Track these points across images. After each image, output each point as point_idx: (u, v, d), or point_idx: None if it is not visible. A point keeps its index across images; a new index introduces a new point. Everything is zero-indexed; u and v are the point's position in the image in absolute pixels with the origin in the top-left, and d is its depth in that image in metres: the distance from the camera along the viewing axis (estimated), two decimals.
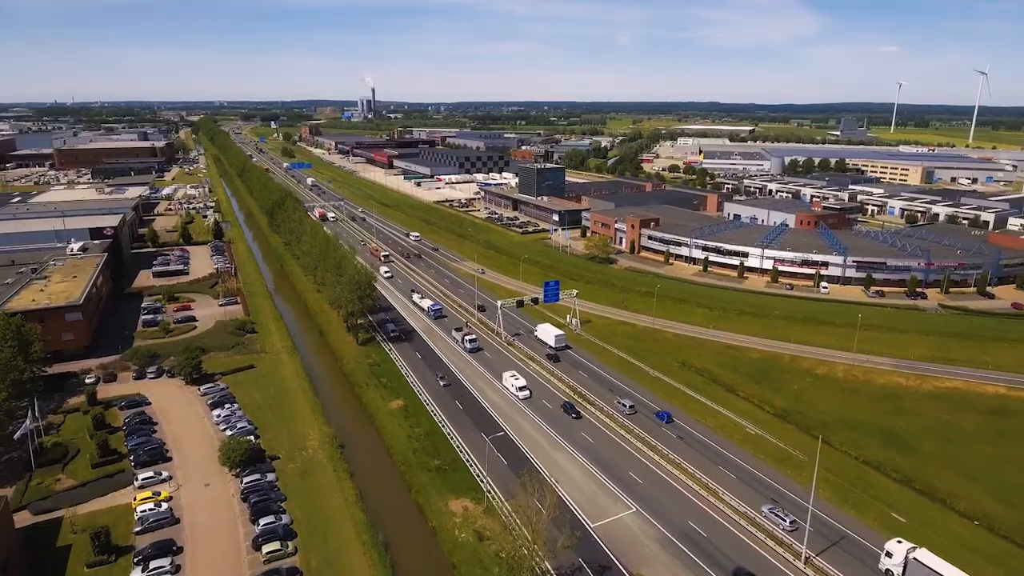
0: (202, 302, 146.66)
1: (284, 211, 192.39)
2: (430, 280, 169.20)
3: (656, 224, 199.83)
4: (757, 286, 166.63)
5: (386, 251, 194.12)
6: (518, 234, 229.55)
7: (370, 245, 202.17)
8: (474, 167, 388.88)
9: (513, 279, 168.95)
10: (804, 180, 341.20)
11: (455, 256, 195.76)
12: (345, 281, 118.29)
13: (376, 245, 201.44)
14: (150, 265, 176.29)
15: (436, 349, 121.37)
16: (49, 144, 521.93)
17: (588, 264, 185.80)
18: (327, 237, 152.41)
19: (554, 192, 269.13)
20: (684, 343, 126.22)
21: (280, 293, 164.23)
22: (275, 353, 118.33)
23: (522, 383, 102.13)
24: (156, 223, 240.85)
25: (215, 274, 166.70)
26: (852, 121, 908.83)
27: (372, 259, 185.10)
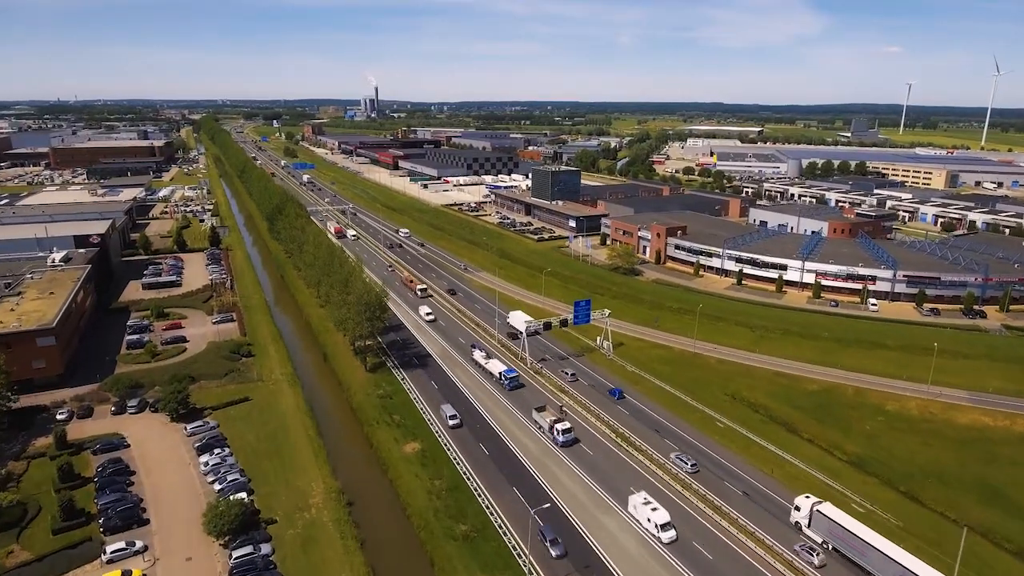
0: (194, 319, 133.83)
1: (285, 217, 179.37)
2: (448, 300, 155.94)
3: (683, 232, 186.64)
4: (798, 302, 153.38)
5: (423, 283, 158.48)
6: (533, 241, 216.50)
7: (403, 274, 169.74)
8: (482, 168, 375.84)
9: (533, 293, 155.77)
10: (827, 184, 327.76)
11: (468, 265, 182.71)
12: (352, 301, 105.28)
13: (410, 274, 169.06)
14: (141, 275, 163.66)
15: (454, 377, 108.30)
16: (47, 143, 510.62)
17: (612, 276, 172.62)
18: (331, 248, 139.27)
19: (569, 196, 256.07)
20: (730, 370, 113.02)
21: (280, 307, 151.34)
22: (274, 381, 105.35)
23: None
24: (150, 228, 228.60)
25: (210, 286, 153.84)
26: (863, 122, 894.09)
27: (404, 290, 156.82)
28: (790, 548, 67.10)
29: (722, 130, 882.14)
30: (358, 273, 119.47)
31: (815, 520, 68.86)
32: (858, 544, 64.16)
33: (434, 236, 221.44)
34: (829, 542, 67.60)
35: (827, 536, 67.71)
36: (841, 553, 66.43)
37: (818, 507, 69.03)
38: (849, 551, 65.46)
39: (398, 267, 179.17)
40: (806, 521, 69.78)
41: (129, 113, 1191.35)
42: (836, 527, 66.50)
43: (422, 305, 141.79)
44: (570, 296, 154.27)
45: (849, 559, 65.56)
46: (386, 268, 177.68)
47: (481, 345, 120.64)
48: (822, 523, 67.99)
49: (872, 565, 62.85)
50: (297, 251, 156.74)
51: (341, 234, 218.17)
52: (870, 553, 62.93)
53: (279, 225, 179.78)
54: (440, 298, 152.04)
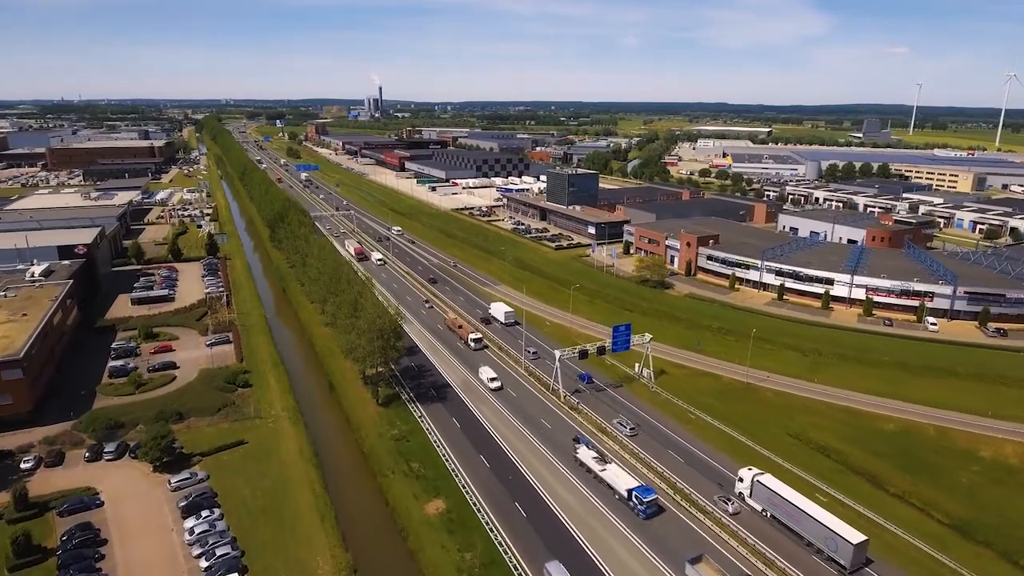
0: (187, 339, 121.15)
1: (287, 225, 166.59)
2: (463, 315, 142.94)
3: (715, 242, 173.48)
4: (847, 320, 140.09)
5: (476, 331, 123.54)
6: (550, 249, 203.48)
7: (448, 316, 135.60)
8: (492, 170, 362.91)
9: (558, 309, 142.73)
10: (852, 187, 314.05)
11: (483, 277, 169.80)
12: (363, 327, 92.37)
13: (457, 316, 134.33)
14: (131, 288, 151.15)
15: (478, 412, 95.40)
16: (46, 143, 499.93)
17: (641, 290, 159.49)
18: (338, 263, 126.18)
19: (586, 201, 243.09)
20: (788, 405, 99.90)
21: (281, 324, 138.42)
22: (273, 418, 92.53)
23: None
24: (145, 234, 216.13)
25: (205, 300, 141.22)
26: (875, 123, 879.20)
27: (452, 336, 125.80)
28: None
29: (731, 131, 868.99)
30: (369, 293, 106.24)
31: (756, 490, 73.51)
32: (792, 510, 69.17)
33: (445, 244, 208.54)
34: (768, 510, 72.19)
35: (767, 504, 72.39)
36: (780, 521, 70.80)
37: (759, 478, 73.64)
38: (785, 517, 70.22)
39: (440, 305, 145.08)
40: (748, 491, 74.42)
41: (132, 113, 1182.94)
42: (774, 495, 71.09)
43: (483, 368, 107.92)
44: (597, 313, 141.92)
45: (787, 527, 69.99)
46: (424, 305, 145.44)
47: (588, 440, 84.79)
48: (762, 492, 72.60)
49: (803, 528, 68.12)
50: (300, 263, 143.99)
51: (362, 256, 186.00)
52: (802, 518, 68.12)
53: (281, 233, 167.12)
54: (454, 314, 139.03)
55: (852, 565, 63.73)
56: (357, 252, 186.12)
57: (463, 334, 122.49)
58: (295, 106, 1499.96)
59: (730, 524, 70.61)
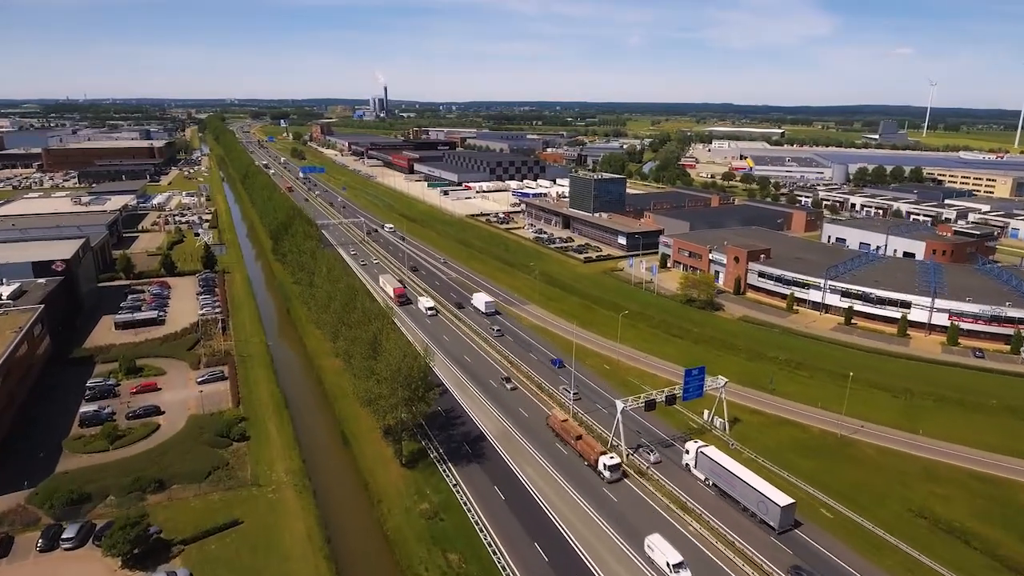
0: (175, 375, 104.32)
1: (292, 236, 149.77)
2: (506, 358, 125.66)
3: (767, 256, 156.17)
4: (930, 350, 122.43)
5: (611, 454, 78.86)
6: (579, 262, 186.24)
7: (555, 415, 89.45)
8: (506, 173, 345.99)
9: (599, 335, 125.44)
10: (891, 193, 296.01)
11: (508, 295, 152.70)
12: (385, 373, 75.26)
13: (574, 424, 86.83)
14: (117, 307, 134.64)
15: (524, 477, 78.32)
16: (45, 143, 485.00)
17: (687, 311, 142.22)
18: (352, 288, 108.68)
19: (612, 207, 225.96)
20: (899, 468, 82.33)
21: (285, 353, 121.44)
22: (275, 486, 75.55)
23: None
24: (138, 242, 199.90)
25: (200, 324, 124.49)
26: (892, 124, 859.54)
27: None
28: None
29: (744, 132, 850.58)
30: (391, 329, 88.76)
31: (700, 461, 77.64)
32: (730, 478, 72.77)
33: (463, 255, 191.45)
34: (710, 479, 76.15)
35: (708, 474, 76.51)
36: (721, 489, 74.43)
37: (702, 450, 77.62)
38: (724, 484, 73.90)
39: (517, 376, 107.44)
40: (693, 462, 78.48)
41: (136, 112, 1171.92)
42: (715, 465, 75.04)
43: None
44: (642, 339, 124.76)
45: (726, 493, 73.60)
46: (504, 382, 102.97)
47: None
48: (705, 463, 76.95)
49: (739, 494, 71.85)
50: (306, 281, 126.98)
51: (404, 299, 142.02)
52: (738, 484, 71.80)
53: (285, 245, 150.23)
54: (484, 345, 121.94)
55: (780, 526, 68.07)
56: (398, 294, 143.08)
57: (587, 452, 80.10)
58: (299, 106, 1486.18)
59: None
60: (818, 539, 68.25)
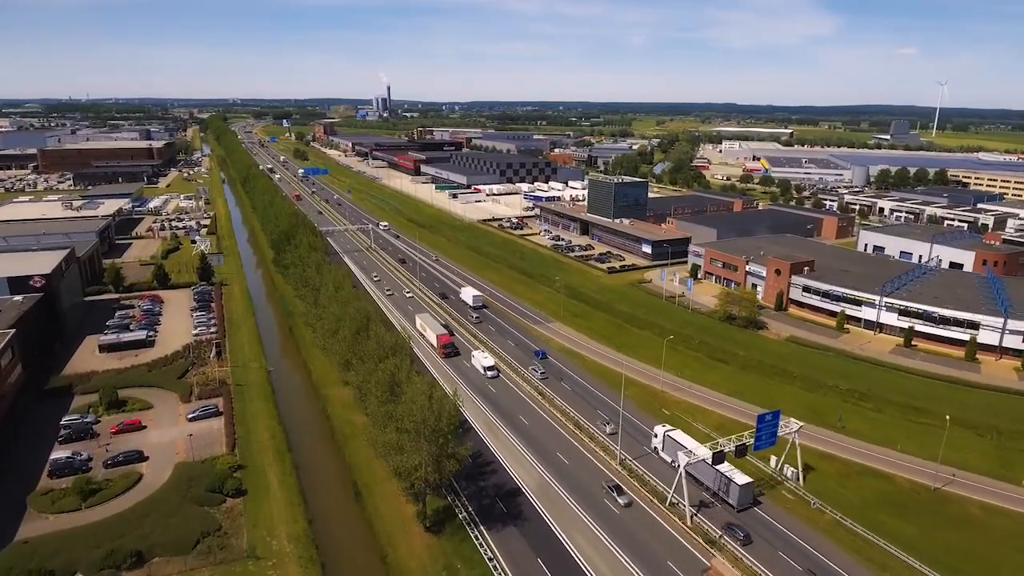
0: (163, 409, 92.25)
1: (295, 248, 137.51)
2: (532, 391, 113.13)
3: (811, 269, 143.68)
4: (1005, 378, 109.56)
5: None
6: (602, 272, 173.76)
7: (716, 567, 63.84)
8: (516, 175, 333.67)
9: (634, 359, 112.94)
10: (920, 196, 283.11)
11: (529, 311, 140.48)
12: (407, 425, 62.84)
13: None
14: (104, 326, 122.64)
15: (571, 545, 66.02)
16: (42, 143, 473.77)
17: (727, 330, 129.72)
18: (364, 313, 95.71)
19: (634, 213, 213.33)
20: (1010, 528, 69.98)
21: (287, 381, 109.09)
22: (276, 559, 63.23)
23: None
24: (131, 250, 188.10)
25: (193, 346, 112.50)
26: (904, 124, 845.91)
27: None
28: None
29: (753, 132, 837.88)
30: (417, 379, 74.72)
31: (666, 443, 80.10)
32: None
33: (477, 265, 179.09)
34: (675, 460, 75.43)
35: (673, 455, 77.28)
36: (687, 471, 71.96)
37: (669, 433, 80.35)
38: (687, 465, 71.56)
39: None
40: (661, 445, 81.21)
41: (138, 112, 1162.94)
42: (680, 447, 75.23)
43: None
44: (683, 364, 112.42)
45: (692, 475, 74.11)
46: (612, 491, 75.01)
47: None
48: (671, 445, 78.82)
49: (702, 475, 74.73)
50: (311, 299, 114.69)
51: (451, 350, 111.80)
52: (701, 465, 72.78)
53: (287, 257, 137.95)
54: (510, 371, 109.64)
55: (740, 504, 70.70)
56: (442, 343, 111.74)
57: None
58: (301, 105, 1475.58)
59: None
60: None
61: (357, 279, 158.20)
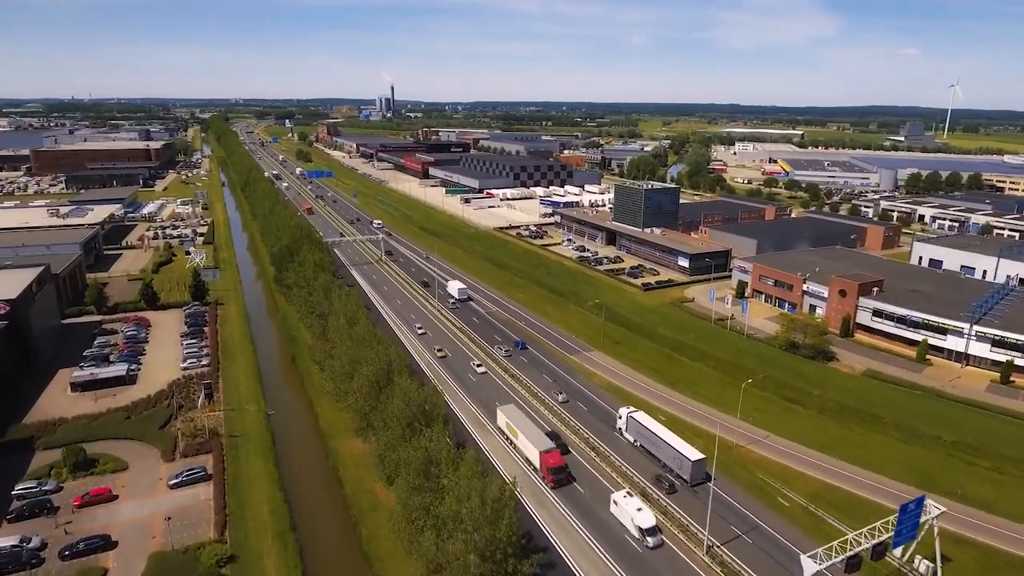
0: (140, 470, 76.36)
1: (299, 265, 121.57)
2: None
3: (880, 289, 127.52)
4: None
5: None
6: (636, 289, 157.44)
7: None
8: (531, 179, 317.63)
9: (701, 403, 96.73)
10: (962, 203, 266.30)
11: (561, 335, 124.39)
12: (454, 522, 46.83)
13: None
14: (81, 357, 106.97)
15: None
16: (39, 143, 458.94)
17: (793, 363, 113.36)
18: (389, 364, 78.09)
19: (665, 222, 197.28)
20: None
21: (289, 429, 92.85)
22: None
23: None
24: (120, 263, 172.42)
25: (180, 384, 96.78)
26: (918, 126, 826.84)
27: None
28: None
29: (764, 133, 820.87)
30: (448, 452, 57.78)
31: (629, 424, 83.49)
32: (653, 438, 79.05)
33: (498, 280, 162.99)
34: (638, 440, 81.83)
35: (636, 435, 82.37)
36: (647, 449, 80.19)
37: (631, 414, 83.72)
38: (648, 445, 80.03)
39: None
40: (624, 426, 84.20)
41: (140, 111, 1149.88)
42: (641, 427, 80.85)
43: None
44: (752, 407, 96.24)
45: (651, 453, 79.24)
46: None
47: None
48: (633, 425, 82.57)
49: (660, 452, 78.07)
50: (317, 329, 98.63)
51: (563, 473, 75.31)
52: (659, 443, 77.97)
53: (290, 276, 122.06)
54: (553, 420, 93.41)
55: (692, 479, 74.03)
56: (551, 466, 74.67)
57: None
58: (304, 105, 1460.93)
59: None
60: None
61: (372, 304, 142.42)
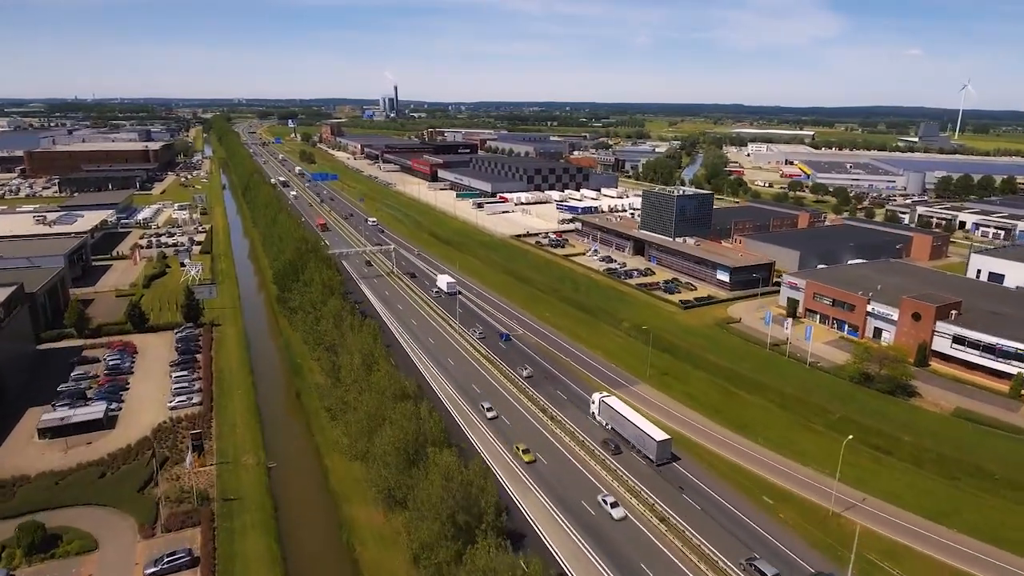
0: (112, 551, 62.21)
1: (305, 286, 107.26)
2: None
3: (959, 312, 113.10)
4: None
5: None
6: (675, 307, 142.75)
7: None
8: (545, 182, 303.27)
9: (778, 455, 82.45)
10: (1006, 209, 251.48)
11: (597, 361, 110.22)
12: None
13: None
14: (54, 391, 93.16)
15: None
16: (36, 144, 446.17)
17: (867, 398, 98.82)
18: (419, 421, 62.79)
19: (697, 230, 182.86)
20: None
21: (294, 489, 78.24)
22: None
23: None
24: (109, 276, 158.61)
25: (166, 429, 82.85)
26: (933, 127, 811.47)
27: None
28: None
29: (774, 134, 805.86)
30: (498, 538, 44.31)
31: (601, 408, 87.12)
32: (622, 420, 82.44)
33: (521, 296, 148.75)
34: (609, 423, 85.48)
35: (607, 419, 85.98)
36: (617, 431, 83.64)
37: (603, 399, 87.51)
38: (618, 427, 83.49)
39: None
40: (597, 410, 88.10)
41: (142, 111, 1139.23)
42: (611, 411, 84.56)
43: None
44: (831, 453, 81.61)
45: (621, 436, 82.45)
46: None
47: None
48: (605, 409, 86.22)
49: (628, 434, 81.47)
50: (327, 365, 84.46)
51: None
52: (627, 425, 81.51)
53: (295, 299, 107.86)
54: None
55: (658, 459, 77.04)
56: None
57: None
58: (307, 105, 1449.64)
59: None
60: None
61: (390, 333, 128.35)
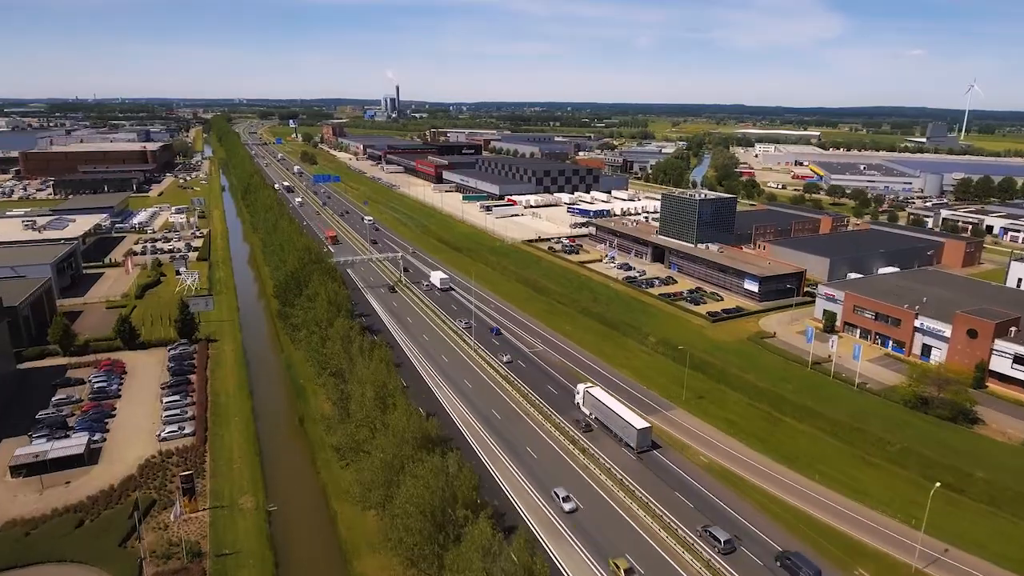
0: None
1: (309, 302, 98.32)
2: None
3: (1017, 329, 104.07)
4: None
5: None
6: (702, 319, 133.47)
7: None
8: (554, 184, 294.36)
9: (835, 491, 73.42)
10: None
11: (634, 388, 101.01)
12: None
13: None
14: (32, 418, 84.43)
15: None
16: (33, 144, 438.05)
17: (925, 425, 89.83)
18: (448, 478, 53.78)
19: (719, 236, 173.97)
20: None
21: (297, 541, 69.52)
22: None
23: None
24: (99, 286, 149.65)
25: (154, 466, 74.02)
26: (942, 127, 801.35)
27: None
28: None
29: (780, 134, 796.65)
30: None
31: (586, 399, 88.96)
32: (605, 410, 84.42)
33: (537, 307, 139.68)
34: (593, 413, 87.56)
35: (592, 409, 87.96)
36: (600, 421, 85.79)
37: (588, 389, 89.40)
38: (601, 417, 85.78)
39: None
40: (581, 400, 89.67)
41: (143, 111, 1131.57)
42: (596, 401, 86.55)
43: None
44: (894, 493, 72.87)
45: (605, 425, 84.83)
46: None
47: None
48: (589, 400, 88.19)
49: (611, 423, 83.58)
50: (335, 395, 75.54)
51: None
52: (610, 415, 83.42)
53: (298, 315, 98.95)
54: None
55: (638, 446, 79.33)
56: None
57: None
58: (308, 106, 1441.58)
59: None
60: None
61: (403, 353, 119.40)
